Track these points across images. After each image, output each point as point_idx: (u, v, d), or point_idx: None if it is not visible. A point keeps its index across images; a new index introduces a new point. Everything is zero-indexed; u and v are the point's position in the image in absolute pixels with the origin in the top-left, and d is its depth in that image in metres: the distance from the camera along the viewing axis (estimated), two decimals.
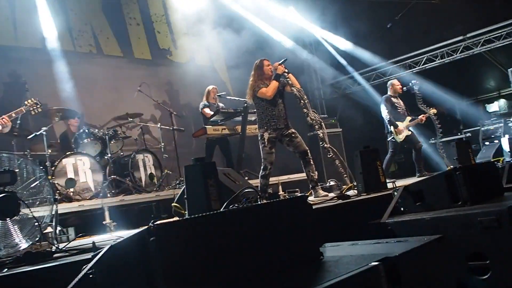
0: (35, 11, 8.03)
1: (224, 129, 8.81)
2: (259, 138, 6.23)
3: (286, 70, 6.22)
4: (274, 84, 6.11)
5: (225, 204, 2.99)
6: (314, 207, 2.36)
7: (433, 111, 8.31)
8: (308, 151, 6.24)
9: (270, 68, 6.28)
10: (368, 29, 12.21)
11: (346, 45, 12.44)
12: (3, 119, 5.28)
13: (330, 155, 6.31)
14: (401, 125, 8.43)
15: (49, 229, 3.84)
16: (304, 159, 6.17)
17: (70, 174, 6.51)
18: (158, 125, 8.33)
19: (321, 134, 6.40)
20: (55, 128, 7.57)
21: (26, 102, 5.57)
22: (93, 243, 2.90)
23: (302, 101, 6.20)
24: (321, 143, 6.58)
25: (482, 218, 2.77)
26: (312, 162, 6.20)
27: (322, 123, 6.58)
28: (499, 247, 2.69)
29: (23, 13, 8.00)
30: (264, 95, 6.12)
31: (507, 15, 10.00)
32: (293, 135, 6.20)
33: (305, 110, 6.22)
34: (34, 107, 5.61)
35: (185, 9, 10.33)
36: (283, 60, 6.30)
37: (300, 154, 6.20)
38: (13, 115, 5.43)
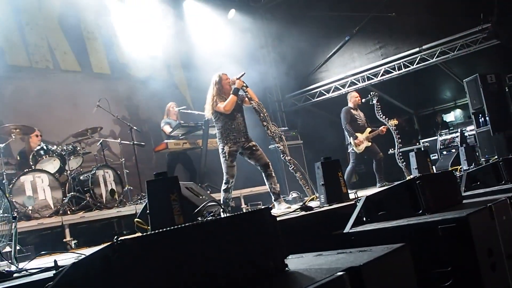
0: None
1: (185, 143, 8.79)
2: (220, 152, 6.23)
3: (245, 84, 6.26)
4: (232, 98, 6.14)
5: (189, 218, 2.96)
6: (278, 219, 2.36)
7: (393, 122, 8.48)
8: (270, 163, 6.27)
9: (228, 82, 6.31)
10: (327, 42, 12.44)
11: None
12: None
13: (292, 167, 6.36)
14: (360, 136, 8.58)
15: (7, 249, 3.71)
16: (266, 171, 6.20)
17: (29, 192, 6.33)
18: (118, 140, 8.20)
19: (282, 147, 6.44)
20: (12, 145, 7.35)
21: None
22: (55, 261, 2.81)
23: (261, 115, 6.24)
24: (282, 155, 6.62)
25: (442, 226, 2.83)
26: (273, 175, 6.23)
27: (282, 136, 6.63)
28: (459, 254, 2.74)
29: None
30: (222, 109, 6.14)
31: (461, 27, 10.35)
32: (254, 148, 6.23)
33: (264, 124, 6.26)
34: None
35: (145, 24, 10.30)
36: (241, 74, 6.33)
37: (261, 167, 6.23)
38: None
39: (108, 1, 9.86)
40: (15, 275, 3.01)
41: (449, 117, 14.47)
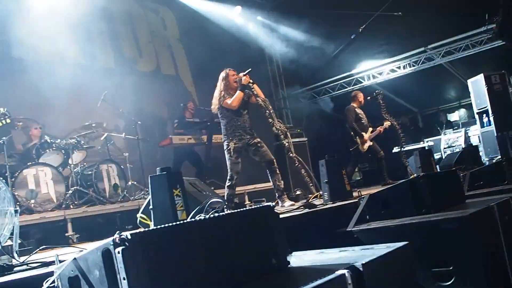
0: None
1: (190, 138, 8.79)
2: (224, 148, 6.22)
3: (251, 81, 6.24)
4: (239, 94, 6.14)
5: (192, 214, 2.96)
6: (281, 216, 2.36)
7: (387, 123, 8.53)
8: (274, 160, 6.26)
9: (235, 78, 6.30)
10: (333, 40, 12.41)
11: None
12: None
13: (296, 165, 6.35)
14: (365, 135, 8.57)
15: (9, 242, 3.72)
16: (270, 168, 6.20)
17: (31, 185, 6.32)
18: (123, 135, 8.20)
19: (287, 144, 6.43)
20: (16, 138, 7.36)
21: None
22: (56, 255, 2.82)
23: (267, 111, 6.23)
24: (286, 152, 6.61)
25: (445, 225, 2.83)
26: (278, 172, 6.23)
27: (288, 133, 6.62)
28: (462, 254, 2.74)
29: None
30: (229, 105, 6.13)
31: (467, 27, 10.32)
32: (259, 145, 6.22)
33: (270, 120, 6.25)
34: (1, 118, 5.31)
35: (149, 18, 10.29)
36: (247, 70, 6.32)
37: (266, 164, 6.22)
38: None
39: None
40: (16, 268, 3.01)
41: (453, 117, 14.45)
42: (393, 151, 10.51)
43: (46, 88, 7.86)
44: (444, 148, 11.33)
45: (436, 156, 10.67)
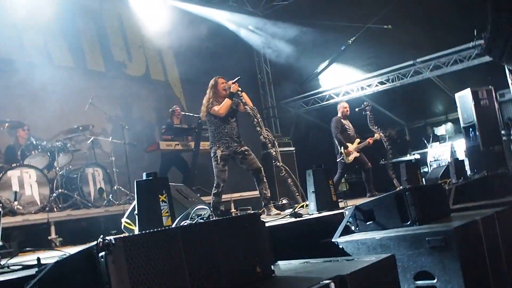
0: None
1: (177, 144, 8.77)
2: (211, 156, 6.22)
3: (240, 89, 6.26)
4: (227, 102, 6.15)
5: (177, 220, 2.95)
6: (266, 224, 2.35)
7: (377, 135, 8.56)
8: (262, 168, 6.26)
9: (224, 86, 6.31)
10: (321, 51, 12.48)
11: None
12: None
13: (283, 174, 6.35)
14: (350, 146, 8.59)
15: None
16: (258, 176, 6.19)
17: (15, 187, 6.25)
18: (110, 139, 8.15)
19: (274, 153, 6.44)
20: (1, 139, 7.29)
21: None
22: (38, 258, 2.78)
23: (255, 120, 6.24)
24: (274, 161, 6.61)
25: (430, 238, 2.84)
26: (265, 180, 6.23)
27: (275, 142, 6.64)
28: (446, 267, 2.75)
29: None
30: (217, 112, 6.14)
31: (455, 42, 10.45)
32: (246, 153, 6.22)
33: (258, 129, 6.26)
34: None
35: (140, 22, 10.27)
36: (237, 78, 6.34)
37: (253, 172, 6.22)
38: None
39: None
40: None
41: (440, 130, 14.54)
42: (380, 163, 10.55)
43: (33, 90, 7.81)
44: (431, 162, 11.40)
45: (423, 169, 10.74)
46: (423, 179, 8.36)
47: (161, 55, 10.89)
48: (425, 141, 12.13)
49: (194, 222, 2.15)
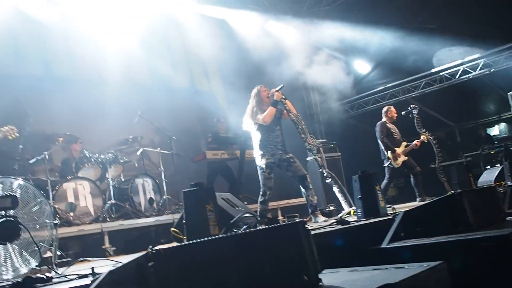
0: (37, 39, 8.11)
1: (224, 153, 8.87)
2: (257, 164, 6.24)
3: (283, 97, 6.26)
4: (271, 110, 6.16)
5: (224, 229, 2.98)
6: (313, 232, 2.35)
7: (423, 137, 8.33)
8: (307, 175, 6.24)
9: (267, 94, 6.33)
10: (367, 54, 12.33)
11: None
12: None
13: (329, 180, 6.31)
14: (398, 150, 8.41)
15: (48, 254, 3.82)
16: (303, 183, 6.17)
17: (71, 199, 6.52)
18: (158, 150, 8.32)
19: (319, 159, 6.41)
20: (56, 153, 7.56)
21: (1, 129, 5.37)
22: (92, 268, 2.87)
23: (299, 127, 6.23)
24: (319, 168, 6.58)
25: (485, 244, 2.74)
26: (311, 187, 6.19)
27: (320, 148, 6.61)
28: (502, 274, 2.66)
29: (25, 40, 8.09)
30: (261, 121, 6.16)
31: (504, 39, 10.12)
32: (291, 160, 6.21)
33: (302, 136, 6.24)
34: (11, 132, 5.41)
35: (184, 34, 10.44)
36: (280, 86, 6.33)
37: (299, 179, 6.20)
38: None
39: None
40: (54, 280, 3.09)
41: (493, 131, 14.08)
42: (430, 166, 10.30)
43: (85, 105, 8.07)
44: (484, 164, 11.04)
45: (475, 172, 10.41)
46: (476, 182, 8.11)
47: (205, 65, 11.02)
48: (477, 143, 11.77)
49: (240, 231, 2.17)
